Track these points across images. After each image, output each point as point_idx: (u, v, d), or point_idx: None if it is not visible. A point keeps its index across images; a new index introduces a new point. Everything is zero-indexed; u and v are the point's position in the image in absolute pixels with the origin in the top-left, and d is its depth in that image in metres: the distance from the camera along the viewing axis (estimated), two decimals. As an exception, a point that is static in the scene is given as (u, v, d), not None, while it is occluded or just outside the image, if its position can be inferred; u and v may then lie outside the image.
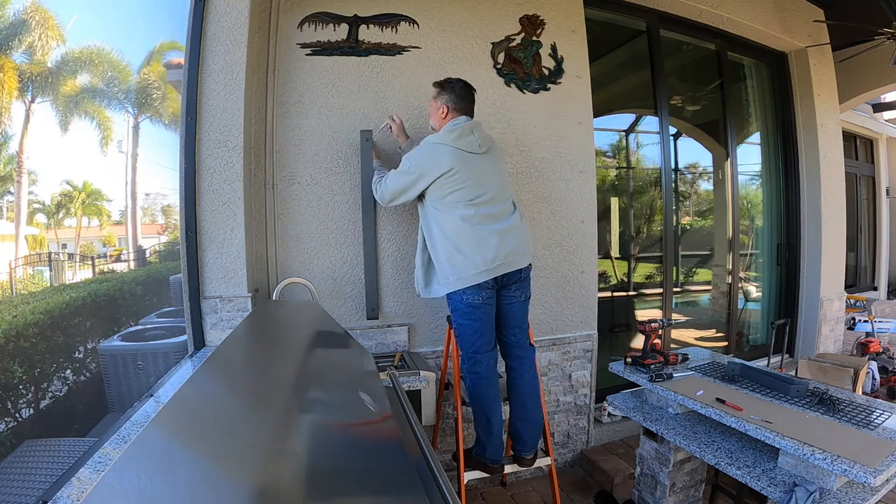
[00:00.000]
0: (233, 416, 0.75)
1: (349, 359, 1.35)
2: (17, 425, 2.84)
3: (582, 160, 2.62)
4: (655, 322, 2.18)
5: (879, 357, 3.35)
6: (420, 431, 1.03)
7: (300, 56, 2.17)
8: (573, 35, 2.60)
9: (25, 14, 6.30)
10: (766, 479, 1.51)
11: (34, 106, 6.96)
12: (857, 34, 3.27)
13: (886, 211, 6.94)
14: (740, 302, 3.82)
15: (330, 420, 0.90)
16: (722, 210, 3.79)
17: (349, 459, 0.77)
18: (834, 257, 3.80)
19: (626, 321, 3.40)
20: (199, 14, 1.81)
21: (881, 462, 1.33)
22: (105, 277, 5.94)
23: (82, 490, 0.87)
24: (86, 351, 3.64)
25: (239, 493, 0.56)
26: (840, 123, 3.93)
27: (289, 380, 0.98)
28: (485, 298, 1.88)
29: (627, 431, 2.85)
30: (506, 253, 1.88)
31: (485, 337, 1.92)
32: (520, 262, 1.93)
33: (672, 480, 1.93)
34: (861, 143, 6.69)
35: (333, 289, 2.24)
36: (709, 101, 3.76)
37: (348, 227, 2.25)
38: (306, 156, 2.18)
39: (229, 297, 1.87)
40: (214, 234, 1.86)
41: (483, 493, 2.41)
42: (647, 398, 2.13)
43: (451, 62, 2.35)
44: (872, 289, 6.80)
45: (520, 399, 1.99)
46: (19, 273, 6.34)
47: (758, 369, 2.00)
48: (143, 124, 8.95)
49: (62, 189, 9.31)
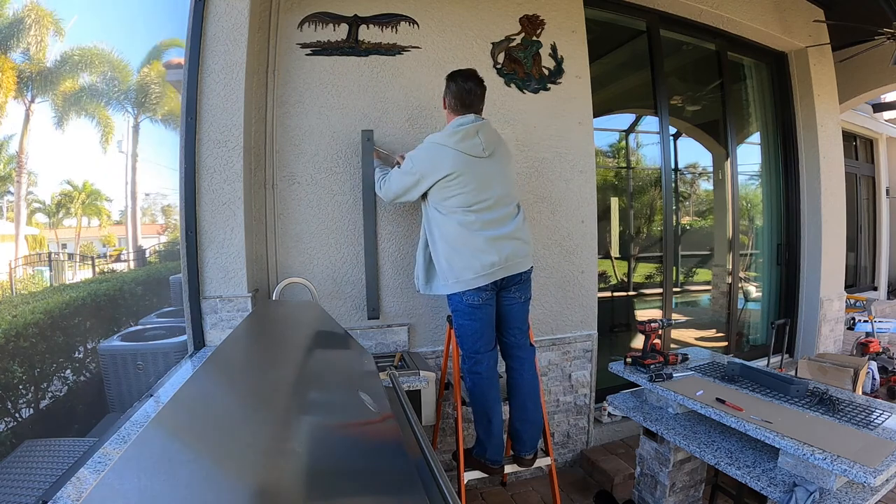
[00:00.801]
0: (233, 416, 0.75)
1: (349, 359, 1.35)
2: (17, 425, 2.84)
3: (582, 160, 2.62)
4: (655, 322, 2.18)
5: (879, 357, 3.35)
6: (420, 431, 1.03)
7: (300, 56, 2.17)
8: (573, 35, 2.60)
9: (23, 13, 6.30)
10: (765, 479, 1.51)
11: (34, 106, 6.96)
12: (857, 34, 3.28)
13: (886, 211, 6.94)
14: (740, 302, 3.82)
15: (330, 420, 0.90)
16: (722, 210, 3.79)
17: (349, 459, 0.77)
18: (834, 257, 3.80)
19: (626, 321, 3.40)
20: (199, 14, 1.81)
21: (881, 462, 1.33)
22: (105, 277, 5.94)
23: (82, 490, 0.87)
24: (86, 351, 3.64)
25: (239, 493, 0.56)
26: (840, 123, 3.93)
27: (289, 380, 0.98)
28: (485, 299, 1.88)
29: (627, 431, 2.85)
30: (505, 257, 1.86)
31: (485, 337, 1.92)
32: (519, 267, 1.91)
33: (672, 480, 1.93)
34: (861, 143, 6.69)
35: (333, 289, 2.24)
36: (709, 101, 3.76)
37: (348, 227, 2.25)
38: (306, 156, 2.18)
39: (229, 297, 1.87)
40: (214, 234, 1.86)
41: (483, 493, 2.41)
42: (647, 398, 2.13)
43: (451, 62, 2.35)
44: (872, 289, 6.80)
45: (520, 399, 1.99)
46: (19, 273, 6.34)
47: (758, 369, 2.00)
48: (143, 124, 8.95)
49: (62, 189, 9.31)
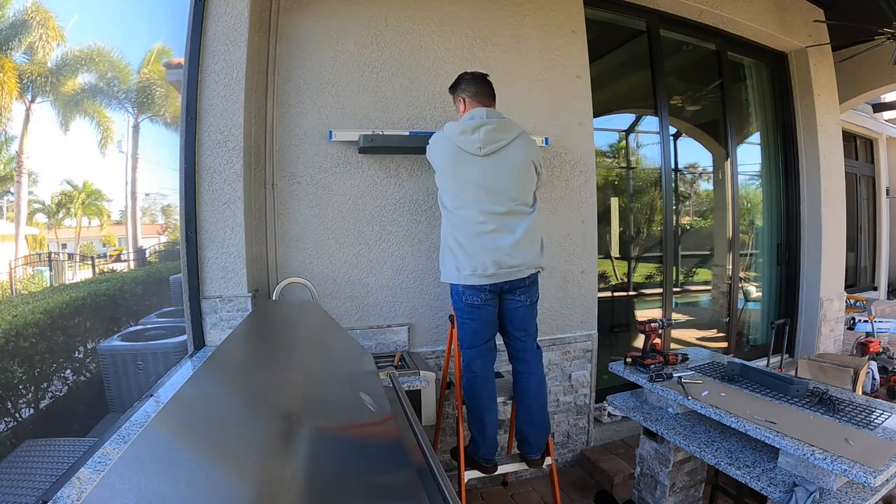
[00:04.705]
0: (233, 416, 0.75)
1: (349, 359, 1.35)
2: (17, 425, 2.84)
3: (582, 160, 2.62)
4: (655, 322, 2.18)
5: (879, 357, 3.34)
6: (420, 432, 1.03)
7: (300, 56, 2.17)
8: (573, 35, 2.60)
9: (26, 14, 6.31)
10: (766, 479, 1.51)
11: (34, 106, 6.96)
12: (857, 34, 3.27)
13: (886, 211, 6.94)
14: (740, 302, 3.82)
15: (330, 420, 0.90)
16: (722, 210, 3.79)
17: (349, 460, 0.77)
18: (834, 257, 3.80)
19: (626, 321, 3.40)
20: (199, 14, 1.81)
21: (881, 462, 1.33)
22: (105, 277, 5.93)
23: (82, 490, 0.87)
24: (86, 351, 3.64)
25: (239, 493, 0.56)
26: (840, 123, 3.93)
27: (289, 380, 0.98)
28: (485, 300, 1.87)
29: (627, 431, 2.85)
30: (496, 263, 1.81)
31: (482, 338, 1.92)
32: (515, 275, 1.85)
33: (672, 480, 1.93)
34: (861, 143, 6.69)
35: (333, 289, 2.24)
36: (709, 101, 3.76)
37: (348, 227, 2.25)
38: (306, 156, 2.18)
39: (229, 297, 1.87)
40: (214, 234, 1.86)
41: (483, 493, 2.41)
42: (647, 398, 2.13)
43: (451, 62, 2.35)
44: (872, 289, 6.80)
45: (526, 402, 1.98)
46: (19, 273, 6.34)
47: (758, 369, 2.00)
48: (143, 124, 8.95)
49: (62, 189, 9.31)
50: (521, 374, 1.99)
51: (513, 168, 1.85)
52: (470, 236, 1.82)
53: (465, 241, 1.83)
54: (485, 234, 1.81)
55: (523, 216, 1.87)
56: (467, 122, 1.85)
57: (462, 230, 1.84)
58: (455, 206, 1.85)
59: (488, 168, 1.82)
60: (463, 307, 1.89)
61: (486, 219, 1.81)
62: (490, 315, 1.91)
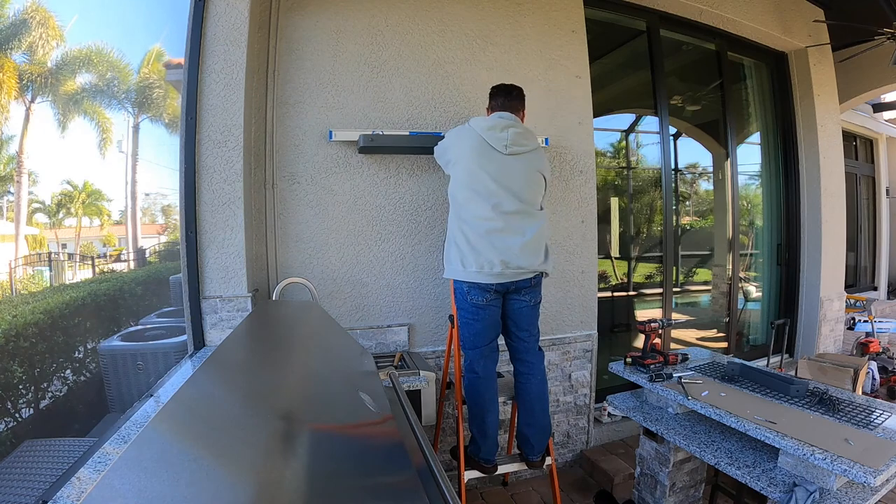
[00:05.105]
0: (233, 416, 0.75)
1: (349, 359, 1.35)
2: (17, 425, 2.83)
3: (582, 160, 2.62)
4: (655, 322, 2.18)
5: (879, 357, 3.35)
6: (420, 432, 1.03)
7: (300, 56, 2.17)
8: (573, 35, 2.60)
9: (26, 14, 6.32)
10: (766, 479, 1.51)
11: (34, 106, 6.97)
12: (857, 34, 3.28)
13: (886, 211, 6.94)
14: (740, 302, 3.82)
15: (330, 420, 0.90)
16: (722, 210, 3.79)
17: (349, 460, 0.77)
18: (834, 257, 3.80)
19: (626, 321, 3.40)
20: (199, 14, 1.81)
21: (881, 462, 1.33)
22: (105, 277, 5.92)
23: (82, 490, 0.87)
24: (86, 351, 3.63)
25: (239, 493, 0.56)
26: (840, 123, 3.93)
27: (289, 380, 0.98)
28: (489, 300, 1.87)
29: (627, 431, 2.85)
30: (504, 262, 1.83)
31: (485, 338, 1.92)
32: (523, 275, 1.88)
33: (672, 480, 1.93)
34: (861, 143, 6.69)
35: (333, 289, 2.24)
36: (709, 101, 3.76)
37: (348, 227, 2.25)
38: (306, 156, 2.18)
39: (229, 297, 1.87)
40: (214, 234, 1.86)
41: (483, 493, 2.41)
42: (647, 398, 2.13)
43: (452, 62, 2.35)
44: (872, 289, 6.80)
45: (528, 403, 1.98)
46: (19, 273, 6.34)
47: (758, 369, 2.00)
48: (143, 124, 8.94)
49: (62, 189, 9.29)
50: (523, 375, 1.99)
51: (529, 173, 1.91)
52: (479, 233, 1.83)
53: (474, 237, 1.84)
54: (494, 233, 1.83)
55: (532, 218, 1.90)
56: (496, 119, 1.89)
57: (471, 225, 1.85)
58: (465, 198, 1.86)
59: (508, 166, 1.86)
60: (467, 307, 1.88)
61: (496, 216, 1.83)
62: (494, 316, 1.92)
